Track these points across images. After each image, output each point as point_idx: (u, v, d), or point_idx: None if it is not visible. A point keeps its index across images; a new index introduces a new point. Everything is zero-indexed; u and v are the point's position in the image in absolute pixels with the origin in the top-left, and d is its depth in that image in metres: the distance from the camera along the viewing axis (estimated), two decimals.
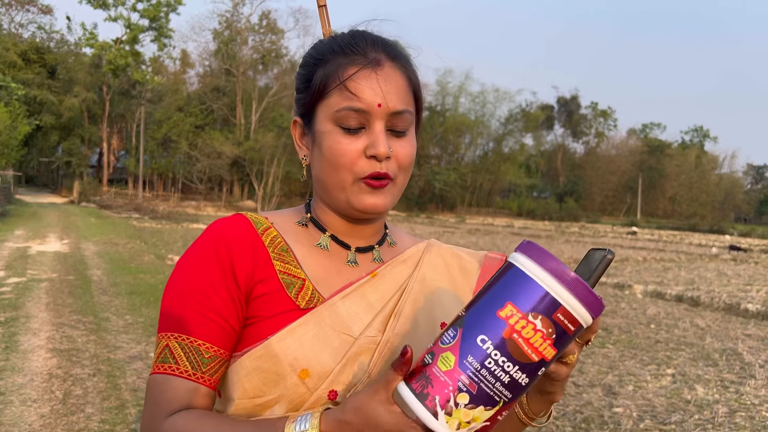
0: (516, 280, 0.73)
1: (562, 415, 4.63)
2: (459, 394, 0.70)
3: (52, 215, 25.65)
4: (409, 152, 0.98)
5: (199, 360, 0.91)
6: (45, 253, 12.93)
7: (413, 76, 1.00)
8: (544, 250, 0.73)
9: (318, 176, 1.00)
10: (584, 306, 0.72)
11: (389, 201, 0.98)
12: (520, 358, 0.70)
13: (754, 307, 9.44)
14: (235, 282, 0.94)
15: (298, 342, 0.91)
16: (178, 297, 0.94)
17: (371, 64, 0.95)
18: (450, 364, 0.71)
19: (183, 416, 0.88)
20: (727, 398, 5.22)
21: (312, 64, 1.00)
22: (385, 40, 1.01)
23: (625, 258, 17.61)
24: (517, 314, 0.71)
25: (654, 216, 70.32)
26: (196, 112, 48.73)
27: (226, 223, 0.99)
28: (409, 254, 1.08)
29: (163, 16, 47.65)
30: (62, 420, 4.15)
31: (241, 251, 0.96)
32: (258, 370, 0.91)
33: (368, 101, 0.93)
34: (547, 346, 0.71)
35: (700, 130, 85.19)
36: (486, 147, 63.88)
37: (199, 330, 0.92)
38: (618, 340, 7.25)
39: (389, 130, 0.97)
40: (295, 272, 0.98)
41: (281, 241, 1.00)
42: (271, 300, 0.95)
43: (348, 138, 0.95)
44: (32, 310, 7.43)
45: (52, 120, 46.16)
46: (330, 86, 0.95)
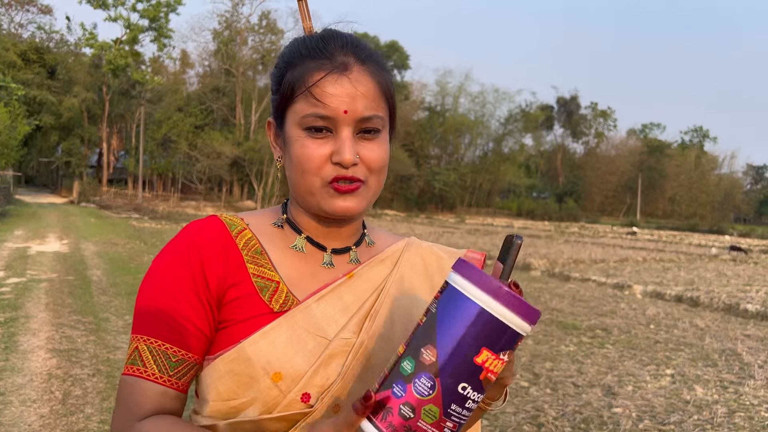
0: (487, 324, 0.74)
1: (561, 415, 4.64)
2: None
3: (52, 215, 25.64)
4: (379, 156, 0.96)
5: (167, 363, 0.92)
6: (44, 254, 12.93)
7: (384, 79, 0.98)
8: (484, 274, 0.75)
9: (290, 178, 0.99)
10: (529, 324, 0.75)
11: (362, 204, 0.97)
12: (486, 387, 0.75)
13: (754, 307, 9.45)
14: (206, 286, 0.94)
15: (271, 345, 0.91)
16: (148, 300, 0.94)
17: (338, 69, 0.93)
18: (435, 415, 0.73)
19: (152, 422, 0.89)
20: (726, 398, 5.23)
21: (282, 66, 0.99)
22: (355, 41, 0.98)
23: (624, 258, 17.61)
24: (491, 357, 0.74)
25: (653, 216, 70.35)
26: (195, 112, 48.73)
27: (199, 226, 0.99)
28: (388, 254, 1.07)
29: (162, 17, 47.65)
30: (62, 420, 4.15)
31: (212, 255, 0.95)
32: (231, 373, 0.91)
33: (334, 108, 0.92)
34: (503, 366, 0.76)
35: (699, 130, 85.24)
36: (486, 147, 63.90)
37: (167, 334, 0.92)
38: (617, 340, 7.25)
39: (359, 133, 0.95)
40: (269, 275, 0.97)
41: (256, 244, 0.99)
42: (244, 304, 0.94)
43: (315, 143, 0.93)
44: (32, 310, 7.43)
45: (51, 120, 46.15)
46: (297, 91, 0.94)
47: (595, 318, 8.55)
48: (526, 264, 14.53)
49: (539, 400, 4.94)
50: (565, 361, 6.21)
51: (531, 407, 4.77)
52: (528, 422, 4.46)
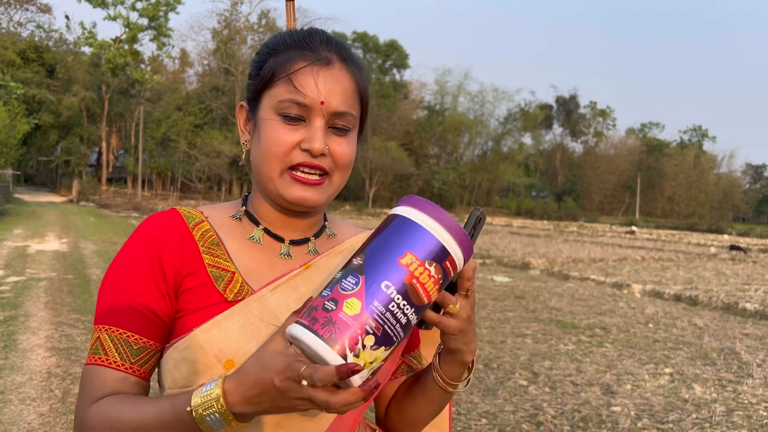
0: (410, 230, 0.79)
1: (560, 413, 4.65)
2: (366, 336, 0.75)
3: (51, 214, 25.63)
4: (347, 152, 0.99)
5: (129, 351, 0.94)
6: (44, 252, 12.93)
7: (361, 81, 1.01)
8: (426, 201, 0.81)
9: (254, 163, 1.01)
10: (462, 252, 0.81)
11: (321, 197, 0.99)
12: (416, 301, 0.78)
13: (752, 306, 9.46)
14: (163, 276, 0.96)
15: (223, 333, 0.93)
16: (109, 291, 0.97)
17: (320, 62, 0.96)
18: (356, 308, 0.75)
19: (107, 399, 0.92)
20: (725, 397, 5.24)
21: (266, 53, 1.01)
22: (339, 41, 1.02)
23: (623, 257, 17.63)
24: (416, 262, 0.78)
25: (652, 215, 70.37)
26: (195, 111, 48.73)
27: (156, 219, 1.01)
28: (347, 245, 1.07)
29: (162, 15, 47.64)
30: (61, 419, 4.15)
31: (169, 246, 0.98)
32: (185, 360, 0.94)
33: (311, 97, 0.95)
34: (435, 289, 0.80)
35: (698, 129, 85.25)
36: (485, 146, 63.90)
37: (129, 322, 0.94)
38: (616, 339, 7.26)
39: (330, 128, 0.98)
40: (224, 265, 0.99)
41: (213, 235, 1.01)
42: (199, 293, 0.96)
43: (286, 128, 0.96)
44: (31, 308, 7.43)
45: (50, 119, 46.14)
46: (277, 76, 0.97)
47: (594, 317, 8.56)
48: (525, 263, 14.54)
49: (538, 399, 4.94)
50: (564, 359, 6.22)
51: (530, 406, 4.78)
52: (527, 421, 4.47)
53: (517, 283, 11.64)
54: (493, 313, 8.53)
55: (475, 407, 4.67)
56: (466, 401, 4.77)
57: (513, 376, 5.52)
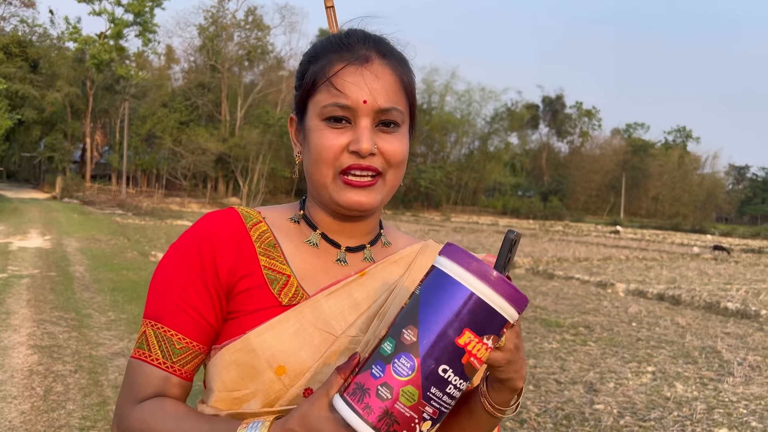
0: (472, 308, 0.73)
1: (543, 411, 4.68)
2: (423, 422, 0.73)
3: (34, 211, 25.37)
4: (398, 149, 0.96)
5: (171, 350, 0.93)
6: (26, 249, 12.80)
7: (405, 75, 0.99)
8: (473, 257, 0.74)
9: (307, 172, 1.00)
10: (515, 308, 0.75)
11: (376, 199, 0.97)
12: (470, 375, 0.75)
13: (734, 305, 9.57)
14: (215, 276, 0.94)
15: (276, 338, 0.91)
16: (158, 287, 0.96)
17: (359, 60, 0.95)
18: (414, 398, 0.72)
19: (150, 404, 0.90)
20: (706, 395, 5.29)
21: (306, 62, 1.00)
22: (377, 37, 1.00)
23: (608, 257, 17.75)
24: (474, 339, 0.73)
25: (637, 215, 70.89)
26: (180, 108, 48.43)
27: (214, 217, 0.99)
28: (402, 255, 1.06)
29: (147, 11, 47.25)
30: (43, 417, 4.12)
31: (224, 246, 0.96)
32: (235, 363, 0.92)
33: (353, 98, 0.93)
34: (487, 353, 0.76)
35: (682, 130, 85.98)
36: (472, 145, 64.04)
37: (173, 321, 0.93)
38: (600, 338, 7.32)
39: (378, 126, 0.96)
40: (280, 268, 0.97)
41: (270, 237, 1.00)
42: (253, 295, 0.94)
43: (333, 133, 0.94)
44: (13, 306, 7.35)
45: (34, 114, 45.65)
46: (318, 83, 0.96)
47: (578, 316, 8.62)
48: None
49: (522, 397, 4.97)
50: (548, 358, 6.26)
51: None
52: (510, 418, 4.49)
53: None
54: None
55: None
56: None
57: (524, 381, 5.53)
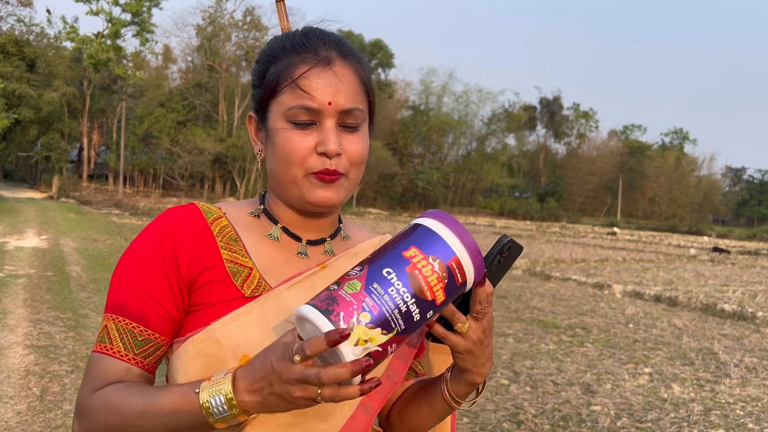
0: (421, 233, 0.83)
1: (540, 413, 4.68)
2: (362, 313, 0.77)
3: (31, 210, 25.31)
4: (360, 148, 1.00)
5: (133, 342, 0.95)
6: (23, 249, 12.77)
7: (364, 74, 1.02)
8: (449, 215, 0.84)
9: (272, 171, 1.02)
10: (473, 265, 0.83)
11: (341, 195, 1.00)
12: (417, 293, 0.79)
13: (730, 307, 9.58)
14: (177, 269, 0.96)
15: (240, 328, 0.93)
16: (119, 280, 0.98)
17: (322, 62, 0.97)
18: (356, 288, 0.79)
19: (110, 387, 0.93)
20: (703, 397, 5.30)
21: (266, 61, 1.01)
22: (337, 37, 1.02)
23: (604, 258, 17.77)
24: (420, 255, 0.81)
25: (634, 217, 71.01)
26: (178, 107, 48.33)
27: (175, 212, 1.01)
28: (362, 248, 1.09)
29: (145, 11, 47.21)
30: (39, 417, 4.11)
31: (185, 239, 0.98)
32: (200, 354, 0.93)
33: (319, 99, 0.95)
34: (440, 289, 0.81)
35: (679, 132, 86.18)
36: (469, 147, 64.13)
37: (135, 314, 0.95)
38: (596, 339, 7.32)
39: (341, 126, 0.98)
40: (242, 261, 0.99)
41: (231, 231, 1.02)
42: (216, 288, 0.97)
43: (299, 134, 0.96)
44: (9, 306, 7.34)
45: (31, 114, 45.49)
46: (282, 84, 0.97)
47: (575, 317, 8.63)
48: None
49: (519, 398, 4.98)
50: (545, 359, 6.27)
51: (511, 405, 4.81)
52: (507, 420, 4.49)
53: (500, 283, 11.67)
54: None
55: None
56: None
57: (494, 375, 5.55)
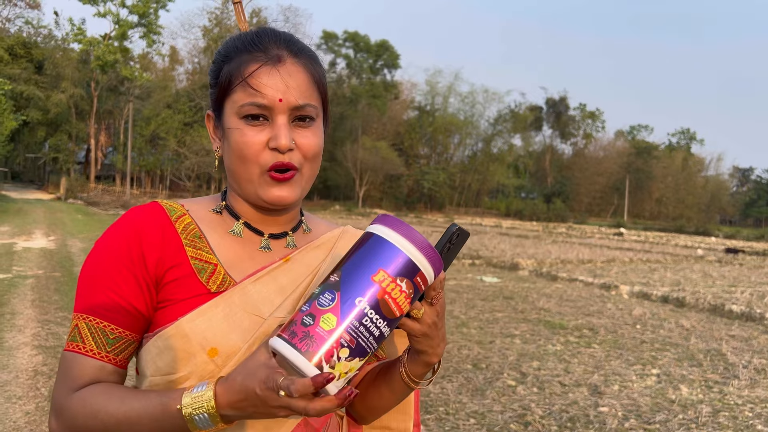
0: (383, 248, 0.85)
1: (547, 414, 4.67)
2: (341, 349, 0.81)
3: (38, 211, 25.43)
4: (313, 142, 1.02)
5: (105, 340, 0.97)
6: (31, 250, 12.84)
7: (316, 71, 1.04)
8: (399, 220, 0.86)
9: (229, 168, 1.04)
10: (433, 269, 0.86)
11: (296, 193, 1.02)
12: (388, 315, 0.83)
13: (738, 308, 9.54)
14: (144, 268, 0.98)
15: (207, 323, 0.96)
16: (88, 281, 0.99)
17: (272, 61, 0.99)
18: (332, 323, 0.81)
19: (90, 389, 0.95)
20: (711, 398, 5.28)
21: (220, 61, 1.04)
22: (288, 36, 1.04)
23: (611, 259, 17.72)
24: (388, 278, 0.83)
25: (641, 217, 70.79)
26: (184, 109, 48.48)
27: (138, 211, 1.03)
28: (323, 240, 1.13)
29: (152, 13, 47.37)
30: (47, 417, 4.12)
31: (151, 238, 1.00)
32: (169, 348, 0.96)
33: (270, 97, 0.97)
34: (406, 303, 0.85)
35: (686, 132, 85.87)
36: (475, 147, 64.09)
37: (106, 313, 0.97)
38: (604, 340, 7.30)
39: (294, 122, 1.00)
40: (207, 258, 1.02)
41: (194, 228, 1.04)
42: (182, 284, 0.99)
43: (252, 131, 0.98)
44: (17, 306, 7.37)
45: (38, 115, 45.77)
46: (234, 83, 1.00)
47: (582, 318, 8.60)
48: (514, 264, 14.59)
49: (526, 399, 4.96)
50: (552, 360, 6.25)
51: (518, 406, 4.80)
52: (515, 421, 4.48)
53: (506, 284, 11.67)
54: (482, 313, 8.55)
55: (464, 407, 4.68)
56: (455, 401, 4.78)
57: (501, 377, 5.53)
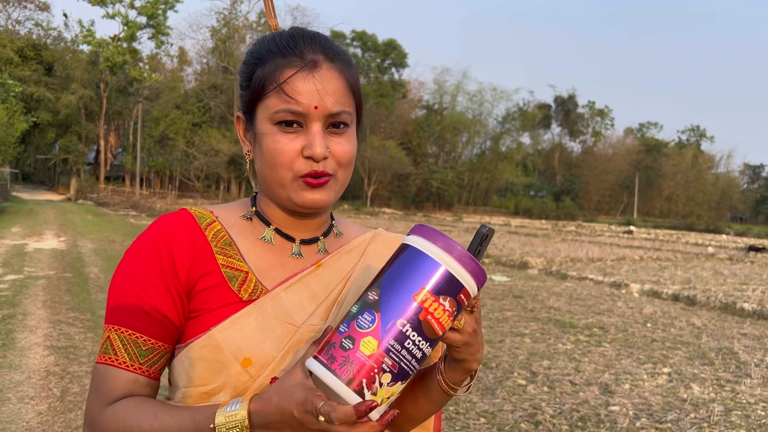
0: (423, 264, 0.80)
1: (558, 413, 4.65)
2: (383, 374, 0.77)
3: (49, 212, 25.59)
4: (348, 150, 1.00)
5: (137, 352, 0.95)
6: (42, 251, 12.91)
7: (351, 76, 1.01)
8: (437, 231, 0.81)
9: (260, 173, 1.02)
10: (475, 281, 0.82)
11: (330, 197, 1.00)
12: (430, 335, 0.79)
13: (750, 306, 9.47)
14: (175, 277, 0.97)
15: (240, 332, 0.95)
16: (119, 291, 0.98)
17: (308, 66, 0.96)
18: (373, 347, 0.77)
19: (123, 403, 0.93)
20: (723, 397, 5.24)
21: (252, 63, 1.01)
22: (323, 39, 1.01)
23: (621, 257, 17.64)
24: (431, 298, 0.79)
25: (650, 215, 70.44)
26: (193, 109, 48.65)
27: (168, 220, 1.01)
28: (355, 244, 1.10)
29: (160, 14, 47.56)
30: (60, 417, 4.15)
31: (181, 246, 0.98)
32: (202, 359, 0.95)
33: (305, 104, 0.95)
34: (449, 320, 0.81)
35: (696, 129, 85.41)
36: (483, 146, 63.92)
37: (137, 323, 0.96)
38: (614, 338, 7.27)
39: (328, 129, 0.98)
40: (238, 265, 1.00)
41: (225, 235, 1.02)
42: (214, 293, 0.97)
43: (286, 137, 0.96)
44: (29, 307, 7.42)
45: (49, 117, 46.05)
46: (268, 88, 0.97)
47: (592, 316, 8.57)
48: (524, 262, 14.55)
49: (536, 398, 4.95)
50: (563, 359, 6.23)
51: (528, 405, 4.78)
52: (525, 420, 4.47)
53: (516, 283, 11.64)
54: (492, 312, 8.53)
55: (474, 407, 4.67)
56: (465, 401, 4.77)
57: (511, 376, 5.52)
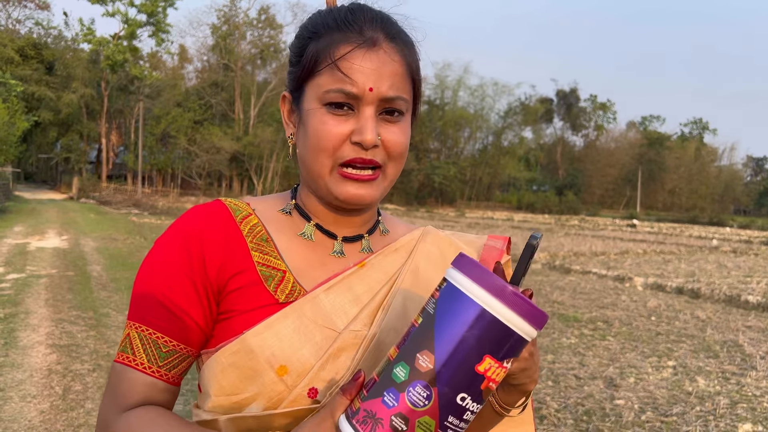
0: (487, 326, 0.68)
1: (563, 407, 4.63)
2: None
3: (51, 211, 25.62)
4: (400, 140, 0.91)
5: (157, 353, 0.88)
6: (44, 249, 12.92)
7: (412, 60, 0.93)
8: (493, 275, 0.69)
9: (302, 158, 0.94)
10: (537, 329, 0.71)
11: (377, 193, 0.92)
12: (486, 397, 0.71)
13: (755, 298, 9.44)
14: (204, 275, 0.89)
15: (276, 337, 0.86)
16: (143, 286, 0.90)
17: (366, 44, 0.88)
18: (431, 428, 0.68)
19: (137, 417, 0.85)
20: (729, 390, 5.22)
21: (306, 37, 0.92)
22: (386, 17, 0.93)
23: (625, 251, 17.60)
24: (495, 365, 0.69)
25: (654, 209, 70.34)
26: (194, 107, 48.66)
27: (200, 211, 0.93)
28: (402, 243, 1.01)
29: (160, 11, 47.52)
30: (62, 416, 4.14)
31: (213, 242, 0.90)
32: (233, 366, 0.86)
33: (359, 84, 0.86)
34: (505, 375, 0.71)
35: (699, 122, 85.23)
36: (485, 141, 63.80)
37: (159, 323, 0.88)
38: (619, 332, 7.24)
39: (381, 115, 0.90)
40: (275, 264, 0.92)
41: (261, 230, 0.94)
42: (247, 293, 0.89)
43: (335, 119, 0.88)
44: (31, 306, 7.41)
45: (50, 116, 46.11)
46: (321, 64, 0.89)
47: (596, 310, 8.54)
48: None
49: (541, 393, 4.93)
50: (567, 353, 6.21)
51: (533, 399, 4.76)
52: None
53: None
54: None
55: None
56: None
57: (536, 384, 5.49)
